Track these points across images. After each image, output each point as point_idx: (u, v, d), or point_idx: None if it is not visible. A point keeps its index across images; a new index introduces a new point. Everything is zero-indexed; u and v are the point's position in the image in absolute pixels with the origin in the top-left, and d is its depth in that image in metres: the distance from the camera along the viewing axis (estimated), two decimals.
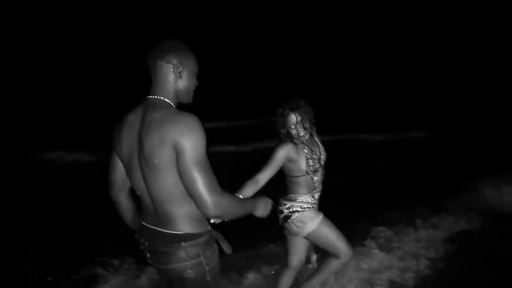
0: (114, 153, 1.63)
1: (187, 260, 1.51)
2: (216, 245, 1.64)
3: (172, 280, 1.58)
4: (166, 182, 1.44)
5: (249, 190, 2.23)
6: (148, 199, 1.55)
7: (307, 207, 2.45)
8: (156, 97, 1.51)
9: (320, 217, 2.47)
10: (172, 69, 1.51)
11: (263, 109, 4.83)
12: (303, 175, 2.41)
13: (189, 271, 1.52)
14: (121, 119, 1.60)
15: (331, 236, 2.46)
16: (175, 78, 1.52)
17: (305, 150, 2.40)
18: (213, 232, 1.64)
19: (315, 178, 2.44)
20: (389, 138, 9.29)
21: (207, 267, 1.55)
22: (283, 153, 2.34)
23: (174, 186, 1.44)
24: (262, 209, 1.77)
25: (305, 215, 2.43)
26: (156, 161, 1.41)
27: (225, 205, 1.42)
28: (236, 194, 2.17)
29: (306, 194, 2.45)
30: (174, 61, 1.50)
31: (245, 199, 2.01)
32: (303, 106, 2.37)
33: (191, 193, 1.40)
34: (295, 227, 2.44)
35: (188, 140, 1.36)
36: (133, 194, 1.71)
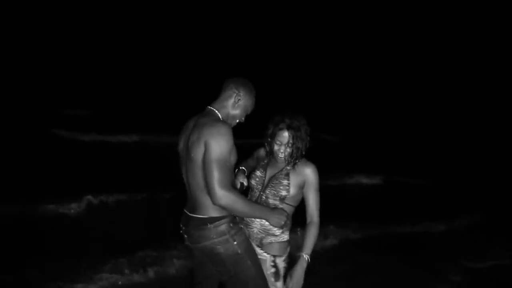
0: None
1: (214, 238, 1.84)
2: (241, 225, 1.98)
3: (210, 257, 1.91)
4: (198, 173, 1.81)
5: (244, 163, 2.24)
6: (188, 188, 1.95)
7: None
8: (212, 108, 1.96)
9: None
10: (235, 95, 1.96)
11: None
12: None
13: (218, 246, 1.84)
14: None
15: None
16: (233, 102, 1.97)
17: (260, 168, 2.19)
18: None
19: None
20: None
21: (235, 243, 1.86)
22: (258, 151, 2.30)
23: (203, 177, 1.79)
24: (276, 219, 1.92)
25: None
26: (193, 155, 1.80)
27: (232, 199, 1.73)
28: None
29: None
30: (240, 92, 1.97)
31: (260, 205, 2.00)
32: (302, 132, 2.05)
33: (206, 183, 1.75)
34: None
35: (215, 141, 1.74)
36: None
